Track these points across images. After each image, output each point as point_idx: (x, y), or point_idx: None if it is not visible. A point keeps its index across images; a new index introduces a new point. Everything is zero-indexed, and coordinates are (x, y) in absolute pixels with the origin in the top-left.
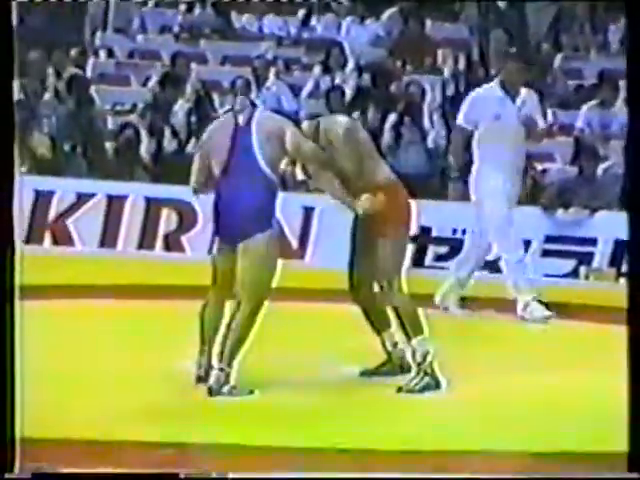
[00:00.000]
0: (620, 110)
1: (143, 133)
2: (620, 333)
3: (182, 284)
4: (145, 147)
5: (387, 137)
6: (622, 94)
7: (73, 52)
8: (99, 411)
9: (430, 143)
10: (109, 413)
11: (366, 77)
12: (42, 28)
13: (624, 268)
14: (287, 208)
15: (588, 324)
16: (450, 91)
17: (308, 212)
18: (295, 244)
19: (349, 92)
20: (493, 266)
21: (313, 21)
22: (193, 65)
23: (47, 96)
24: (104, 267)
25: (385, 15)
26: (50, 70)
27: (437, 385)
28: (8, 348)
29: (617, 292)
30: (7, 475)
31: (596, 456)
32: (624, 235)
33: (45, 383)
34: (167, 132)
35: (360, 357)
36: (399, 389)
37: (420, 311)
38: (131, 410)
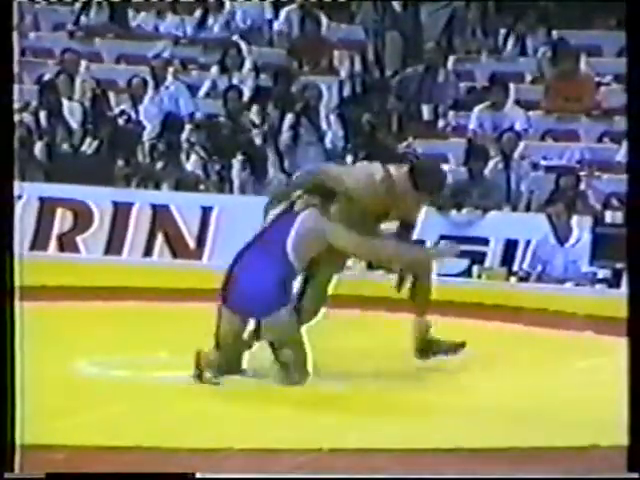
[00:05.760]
0: (510, 111)
1: (35, 132)
2: (511, 330)
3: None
4: (38, 146)
5: (285, 137)
6: (512, 96)
7: None
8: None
9: (328, 144)
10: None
11: (263, 77)
12: None
13: (515, 267)
14: (185, 208)
15: (480, 322)
16: (346, 92)
17: (206, 212)
18: (192, 244)
19: (247, 92)
20: None
21: (210, 20)
22: (88, 63)
23: None
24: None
25: (282, 15)
26: None
27: None
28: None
29: (508, 291)
30: (7, 475)
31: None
32: (514, 235)
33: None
34: (61, 131)
35: None
36: None
37: None
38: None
